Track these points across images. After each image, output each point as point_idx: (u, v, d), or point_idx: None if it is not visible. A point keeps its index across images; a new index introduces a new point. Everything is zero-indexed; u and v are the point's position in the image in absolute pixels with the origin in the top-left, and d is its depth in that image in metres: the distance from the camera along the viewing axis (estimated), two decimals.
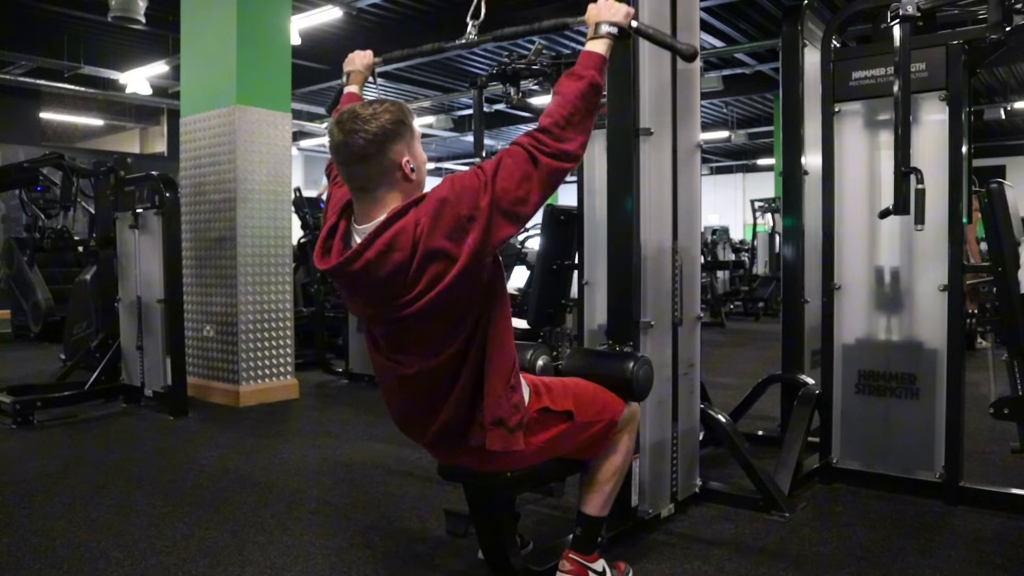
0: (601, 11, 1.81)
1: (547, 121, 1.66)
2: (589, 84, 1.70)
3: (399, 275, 1.60)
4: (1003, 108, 13.01)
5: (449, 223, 1.57)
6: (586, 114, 1.68)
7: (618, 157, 2.45)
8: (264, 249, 4.80)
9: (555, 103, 1.68)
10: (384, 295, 1.64)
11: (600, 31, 1.78)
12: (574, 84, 1.70)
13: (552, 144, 1.64)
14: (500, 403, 1.68)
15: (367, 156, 1.60)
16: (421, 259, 1.58)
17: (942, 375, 2.77)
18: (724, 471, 3.10)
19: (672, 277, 2.59)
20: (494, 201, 1.58)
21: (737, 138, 16.18)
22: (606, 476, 2.00)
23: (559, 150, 1.64)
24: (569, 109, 1.66)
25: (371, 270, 1.61)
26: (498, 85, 3.80)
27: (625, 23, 1.81)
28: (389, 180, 1.64)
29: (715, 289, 10.61)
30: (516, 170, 1.61)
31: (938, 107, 2.77)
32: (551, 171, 1.63)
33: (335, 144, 1.63)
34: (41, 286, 7.64)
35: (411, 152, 1.66)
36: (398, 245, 1.58)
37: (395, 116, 1.63)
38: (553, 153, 1.63)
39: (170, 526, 2.60)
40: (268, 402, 4.73)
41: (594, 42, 1.78)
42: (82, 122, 15.25)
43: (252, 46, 4.74)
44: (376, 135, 1.60)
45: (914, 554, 2.33)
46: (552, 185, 1.65)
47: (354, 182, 1.65)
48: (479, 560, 2.16)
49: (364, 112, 1.62)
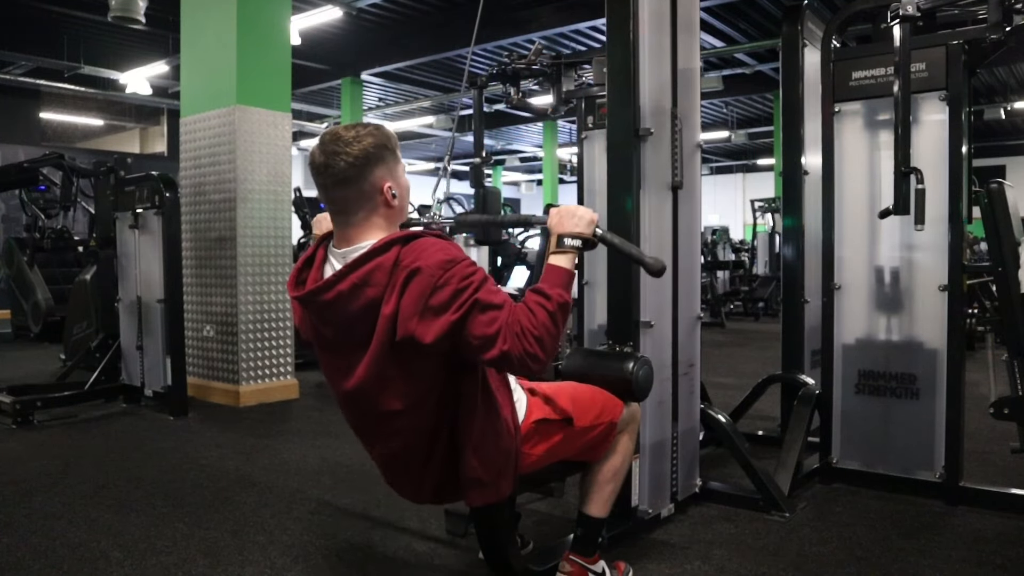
0: (564, 222, 1.71)
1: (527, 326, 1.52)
2: (558, 306, 1.58)
3: (370, 312, 1.54)
4: (1003, 108, 13.02)
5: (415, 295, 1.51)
6: (555, 336, 1.57)
7: (618, 157, 2.45)
8: (264, 249, 4.80)
9: (527, 317, 1.53)
10: (352, 333, 1.59)
11: (563, 245, 1.69)
12: (544, 307, 1.56)
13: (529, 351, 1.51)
14: (469, 463, 1.66)
15: (348, 179, 1.57)
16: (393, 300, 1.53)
17: (942, 375, 2.77)
18: (724, 471, 3.10)
19: (672, 271, 2.59)
20: (458, 325, 1.50)
21: (737, 138, 16.20)
22: (606, 477, 2.00)
23: (529, 360, 1.51)
24: (540, 332, 1.52)
25: (342, 302, 1.56)
26: (498, 85, 3.80)
27: (589, 233, 1.72)
28: (370, 205, 1.61)
29: (715, 289, 10.60)
30: (490, 327, 1.50)
31: (938, 107, 2.77)
32: (508, 358, 1.50)
33: (316, 166, 1.59)
34: (41, 286, 7.64)
35: (393, 177, 1.63)
36: (373, 280, 1.53)
37: (378, 140, 1.59)
38: (519, 356, 1.50)
39: (170, 526, 2.60)
40: (268, 402, 4.73)
41: (558, 257, 1.68)
42: (82, 122, 15.26)
43: (252, 46, 4.74)
44: (358, 158, 1.56)
45: (914, 554, 2.33)
46: (498, 364, 1.54)
47: (334, 205, 1.62)
48: (479, 560, 2.16)
49: (347, 135, 1.58)
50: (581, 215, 1.73)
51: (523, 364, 1.51)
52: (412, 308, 1.51)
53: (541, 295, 1.59)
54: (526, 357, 1.50)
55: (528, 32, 9.07)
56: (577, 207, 1.75)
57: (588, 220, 1.73)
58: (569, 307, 1.63)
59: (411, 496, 1.85)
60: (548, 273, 1.66)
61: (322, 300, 1.59)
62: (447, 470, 1.71)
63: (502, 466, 1.70)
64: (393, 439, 1.70)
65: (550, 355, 1.55)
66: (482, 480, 1.68)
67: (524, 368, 1.53)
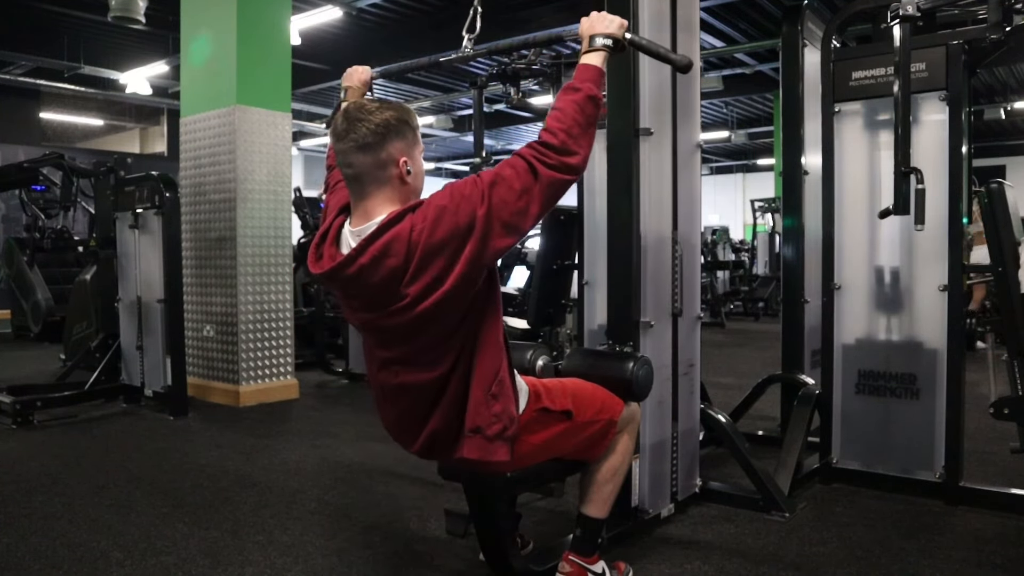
0: (595, 24, 1.79)
1: (548, 135, 1.65)
2: (586, 96, 1.68)
3: (393, 282, 1.60)
4: (1003, 108, 13.01)
5: (446, 232, 1.57)
6: (586, 127, 1.67)
7: (618, 157, 2.45)
8: (264, 249, 4.80)
9: (553, 117, 1.66)
10: (377, 302, 1.64)
11: (595, 44, 1.77)
12: (571, 97, 1.68)
13: (554, 156, 1.62)
14: (479, 411, 1.67)
15: (367, 146, 1.62)
16: (416, 266, 1.58)
17: (942, 375, 2.77)
18: (724, 471, 3.10)
19: (672, 270, 2.59)
20: (491, 212, 1.57)
21: (737, 138, 16.18)
22: (606, 477, 2.00)
23: (561, 163, 1.63)
24: (568, 123, 1.65)
25: (364, 276, 1.61)
26: (498, 85, 3.81)
27: (619, 35, 1.79)
28: (384, 175, 1.65)
29: (715, 289, 10.61)
30: (516, 182, 1.60)
31: (938, 107, 2.76)
32: (551, 183, 1.62)
33: (338, 132, 1.65)
34: (41, 286, 7.64)
35: (410, 155, 1.68)
36: (392, 251, 1.58)
37: (399, 115, 1.67)
38: (555, 165, 1.62)
39: (170, 526, 2.60)
40: (268, 402, 4.73)
41: (589, 55, 1.77)
42: (82, 122, 15.25)
43: (252, 46, 4.74)
44: (379, 125, 1.63)
45: (914, 554, 2.33)
46: (552, 198, 1.64)
47: (351, 169, 1.66)
48: (479, 560, 2.16)
49: (371, 106, 1.66)
50: (611, 19, 1.80)
51: (563, 169, 1.63)
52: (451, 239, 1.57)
53: (570, 90, 1.69)
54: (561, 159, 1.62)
55: (528, 32, 9.07)
56: (606, 13, 1.82)
57: (619, 24, 1.79)
58: (600, 101, 1.71)
59: (408, 441, 1.83)
60: (579, 71, 1.75)
61: (345, 275, 1.64)
62: (450, 418, 1.71)
63: (505, 426, 1.70)
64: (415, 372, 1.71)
65: (583, 143, 1.66)
66: (484, 431, 1.68)
67: (568, 170, 1.63)
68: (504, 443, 1.71)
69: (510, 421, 1.72)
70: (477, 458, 1.70)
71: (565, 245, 3.28)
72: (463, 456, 1.71)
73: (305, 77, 11.21)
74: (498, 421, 1.69)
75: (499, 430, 1.69)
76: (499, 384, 1.70)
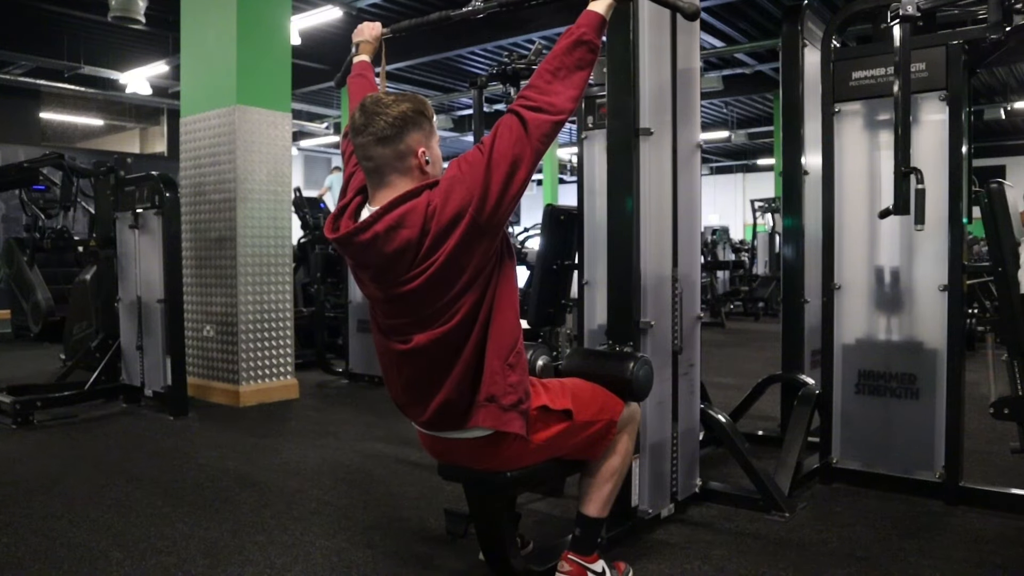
0: None
1: (535, 77, 1.69)
2: (578, 38, 1.71)
3: (407, 252, 1.63)
4: (1003, 108, 13.02)
5: (460, 199, 1.61)
6: (573, 68, 1.69)
7: (618, 157, 2.45)
8: (264, 249, 4.80)
9: (544, 60, 1.71)
10: (390, 272, 1.68)
11: None
12: (564, 41, 1.72)
13: (536, 97, 1.67)
14: (495, 379, 1.69)
15: (386, 138, 1.66)
16: (433, 238, 1.61)
17: (942, 375, 2.77)
18: (724, 471, 3.10)
19: (672, 298, 2.59)
20: (492, 163, 1.63)
21: (737, 138, 16.19)
22: (605, 476, 2.00)
23: (543, 103, 1.66)
24: (555, 63, 1.69)
25: (379, 244, 1.65)
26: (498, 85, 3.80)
27: None
28: (404, 166, 1.69)
29: (715, 289, 10.61)
30: (508, 133, 1.65)
31: (938, 107, 2.77)
32: (538, 124, 1.65)
33: (356, 125, 1.68)
34: (41, 286, 7.64)
35: (428, 145, 1.72)
36: (407, 223, 1.62)
37: (416, 106, 1.71)
38: (537, 106, 1.66)
39: (170, 526, 2.60)
40: (268, 402, 4.73)
41: (594, 2, 1.78)
42: (82, 122, 15.26)
43: (252, 46, 4.74)
44: (396, 118, 1.66)
45: (914, 554, 2.33)
46: (542, 139, 1.66)
47: (370, 162, 1.69)
48: (479, 560, 2.16)
49: (388, 99, 1.69)
50: None
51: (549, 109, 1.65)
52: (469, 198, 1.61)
53: (566, 34, 1.72)
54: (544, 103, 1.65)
55: (528, 32, 9.08)
56: None
57: None
58: (594, 46, 1.72)
59: (416, 410, 1.83)
60: (581, 16, 1.76)
61: (359, 241, 1.67)
62: (460, 387, 1.71)
63: (520, 399, 1.71)
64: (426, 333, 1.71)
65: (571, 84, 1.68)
66: (499, 400, 1.68)
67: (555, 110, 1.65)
68: (519, 415, 1.71)
69: (526, 394, 1.73)
70: (491, 426, 1.69)
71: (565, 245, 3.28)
72: (476, 424, 1.70)
73: (305, 77, 11.21)
74: (514, 392, 1.70)
75: (515, 400, 1.70)
76: (516, 355, 1.72)
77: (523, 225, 8.13)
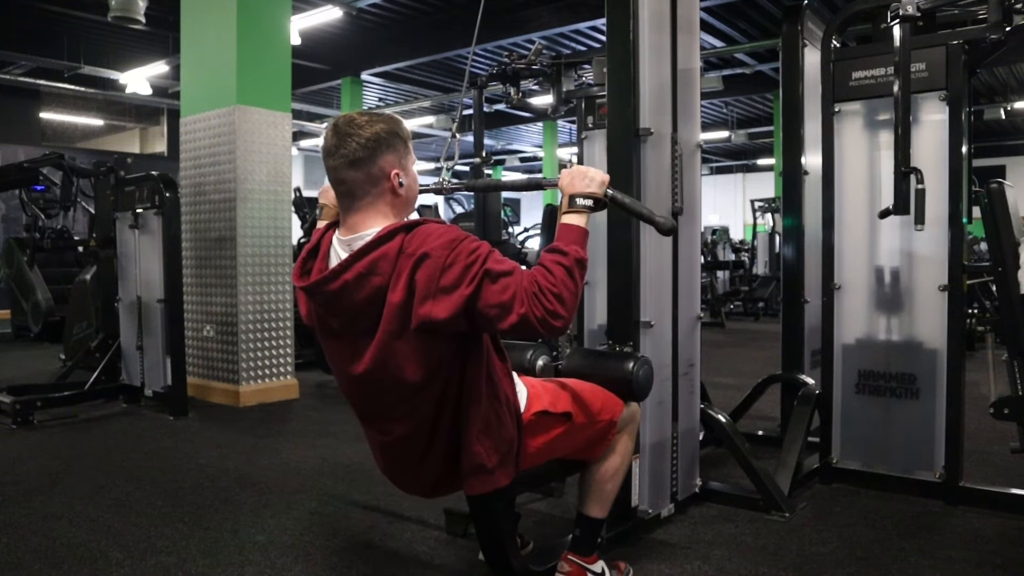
0: (575, 182, 1.73)
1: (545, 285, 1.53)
2: (575, 261, 1.60)
3: (376, 302, 1.57)
4: (1003, 108, 13.02)
5: (425, 279, 1.52)
6: (575, 293, 1.58)
7: (618, 157, 2.45)
8: (264, 249, 4.80)
9: (544, 277, 1.55)
10: (358, 323, 1.61)
11: (575, 204, 1.71)
12: (560, 261, 1.59)
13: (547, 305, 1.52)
14: (475, 451, 1.66)
15: (358, 161, 1.59)
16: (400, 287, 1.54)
17: (942, 375, 2.77)
18: (724, 471, 3.10)
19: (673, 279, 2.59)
20: (472, 298, 1.51)
21: (737, 138, 16.20)
22: (605, 477, 2.00)
23: (546, 317, 1.51)
24: (559, 289, 1.54)
25: (349, 292, 1.58)
26: (498, 85, 3.81)
27: (600, 193, 1.74)
28: (376, 190, 1.63)
29: (715, 289, 10.60)
30: (504, 293, 1.51)
31: (938, 107, 2.76)
32: (527, 321, 1.51)
33: (328, 147, 1.62)
34: (41, 286, 7.64)
35: (402, 167, 1.65)
36: (378, 270, 1.55)
37: (390, 127, 1.63)
38: (540, 318, 1.51)
39: (170, 526, 2.60)
40: (268, 402, 4.73)
41: (571, 216, 1.70)
42: (82, 122, 15.26)
43: (252, 46, 4.73)
44: (369, 139, 1.59)
45: (914, 554, 2.33)
46: (520, 330, 1.53)
47: (342, 186, 1.63)
48: (479, 560, 2.16)
49: (360, 119, 1.62)
50: (592, 176, 1.75)
51: (545, 325, 1.52)
52: (424, 292, 1.52)
53: (557, 252, 1.61)
54: (547, 316, 1.51)
55: (528, 32, 9.07)
56: (588, 168, 1.77)
57: (600, 181, 1.75)
58: (586, 264, 1.64)
59: (407, 487, 1.85)
60: (562, 232, 1.68)
61: (328, 290, 1.61)
62: (446, 462, 1.72)
63: (504, 454, 1.71)
64: (397, 425, 1.70)
65: (571, 311, 1.56)
66: (484, 466, 1.67)
67: (547, 329, 1.53)
68: (505, 468, 1.71)
69: (508, 445, 1.72)
70: (481, 492, 1.71)
71: None
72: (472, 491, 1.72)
73: (305, 77, 11.23)
74: (496, 452, 1.69)
75: (498, 460, 1.69)
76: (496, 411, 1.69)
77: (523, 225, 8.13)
